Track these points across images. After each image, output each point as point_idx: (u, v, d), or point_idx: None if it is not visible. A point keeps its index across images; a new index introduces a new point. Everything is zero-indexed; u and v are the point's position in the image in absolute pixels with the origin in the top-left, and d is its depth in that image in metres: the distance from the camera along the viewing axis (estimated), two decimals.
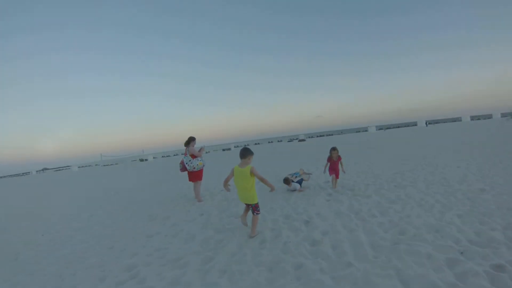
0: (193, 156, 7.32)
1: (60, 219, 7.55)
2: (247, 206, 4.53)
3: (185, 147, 7.46)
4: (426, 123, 39.79)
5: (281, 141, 55.85)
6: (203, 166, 7.48)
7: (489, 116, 38.15)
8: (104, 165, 42.78)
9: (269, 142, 57.86)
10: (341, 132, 60.64)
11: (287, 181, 7.15)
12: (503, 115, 34.49)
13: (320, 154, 18.75)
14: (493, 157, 8.59)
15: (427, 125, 38.58)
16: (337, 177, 6.87)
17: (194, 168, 7.24)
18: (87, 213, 7.84)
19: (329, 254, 3.44)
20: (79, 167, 41.91)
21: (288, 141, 49.96)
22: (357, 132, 52.88)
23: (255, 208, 4.40)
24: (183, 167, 7.34)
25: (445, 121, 46.68)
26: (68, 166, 45.74)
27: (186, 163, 7.24)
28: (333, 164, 6.83)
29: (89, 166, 46.41)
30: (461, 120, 39.19)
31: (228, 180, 4.45)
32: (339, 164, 6.90)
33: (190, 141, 7.38)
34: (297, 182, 7.33)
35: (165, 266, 3.75)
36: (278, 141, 55.92)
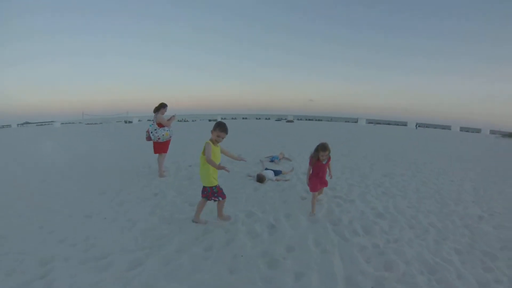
0: (160, 125, 6.33)
1: (3, 181, 6.53)
2: (204, 192, 3.74)
3: (154, 114, 6.42)
4: (416, 125, 39.41)
5: (268, 119, 54.62)
6: (170, 137, 6.48)
7: (478, 131, 38.06)
8: (87, 124, 40.84)
9: (256, 119, 56.61)
10: (331, 119, 59.89)
11: (260, 178, 5.99)
12: (492, 132, 34.43)
13: (307, 137, 18.03)
14: (486, 177, 7.87)
15: (416, 127, 38.18)
16: (325, 185, 4.73)
17: (158, 138, 6.28)
18: (40, 177, 6.88)
19: (287, 287, 2.54)
20: (62, 123, 39.72)
21: (276, 120, 48.86)
22: (346, 122, 52.15)
23: (211, 194, 3.66)
24: (148, 136, 6.40)
25: (434, 126, 46.55)
26: (51, 122, 43.26)
27: (151, 132, 6.30)
28: (319, 170, 4.43)
29: (72, 123, 44.06)
30: (450, 129, 38.98)
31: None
32: (327, 169, 4.68)
33: (160, 107, 6.36)
34: (274, 170, 6.42)
35: (83, 265, 2.90)
36: (265, 119, 54.72)
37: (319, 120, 57.42)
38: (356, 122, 48.98)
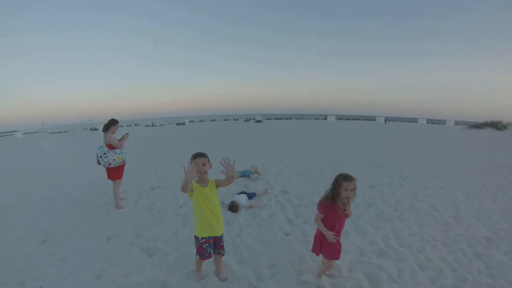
0: (111, 147, 5.22)
1: None
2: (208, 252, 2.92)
3: (103, 133, 5.33)
4: (385, 120, 40.21)
5: (237, 119, 53.67)
6: (123, 161, 5.37)
7: (443, 122, 39.41)
8: (51, 133, 37.47)
9: (225, 120, 55.46)
10: (301, 117, 59.98)
11: (233, 208, 4.97)
12: (456, 123, 35.72)
13: (278, 138, 17.38)
14: (472, 177, 7.48)
15: (385, 122, 38.93)
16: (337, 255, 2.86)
17: (109, 164, 5.16)
18: None
19: None
20: (24, 133, 36.07)
21: (244, 121, 48.03)
22: (316, 119, 52.42)
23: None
24: (98, 160, 5.25)
25: (402, 120, 47.91)
26: (12, 132, 38.98)
27: (100, 157, 5.15)
28: (336, 222, 2.85)
29: (35, 132, 40.17)
30: (417, 121, 40.14)
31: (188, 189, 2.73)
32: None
33: (110, 125, 5.27)
34: (247, 193, 5.52)
35: None
36: (234, 119, 53.73)
37: (288, 118, 57.23)
38: (325, 119, 49.36)
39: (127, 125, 47.36)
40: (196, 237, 2.83)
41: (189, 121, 47.74)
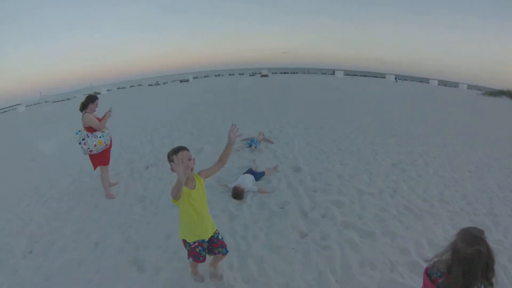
0: (91, 129, 4.35)
1: None
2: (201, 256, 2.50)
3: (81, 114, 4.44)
4: (395, 78, 38.22)
5: (242, 74, 51.30)
6: (106, 146, 4.54)
7: (455, 85, 37.54)
8: (53, 102, 35.44)
9: (230, 74, 53.07)
10: (307, 71, 57.50)
11: (237, 195, 4.23)
12: (469, 87, 33.96)
13: (285, 95, 16.35)
14: (500, 159, 6.76)
15: (396, 81, 37.05)
16: None
17: (90, 151, 4.36)
18: None
19: None
20: (26, 106, 33.91)
21: (250, 75, 45.95)
22: (323, 74, 50.28)
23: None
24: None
25: (412, 79, 45.83)
26: (14, 106, 36.48)
27: (79, 143, 4.33)
28: None
29: (37, 104, 37.85)
30: (428, 82, 38.26)
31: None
32: None
33: (88, 103, 4.36)
34: (255, 173, 4.82)
35: None
36: (239, 74, 51.40)
37: (294, 73, 54.94)
38: (333, 74, 47.27)
39: (130, 86, 45.32)
40: (185, 241, 2.41)
41: (193, 78, 45.52)
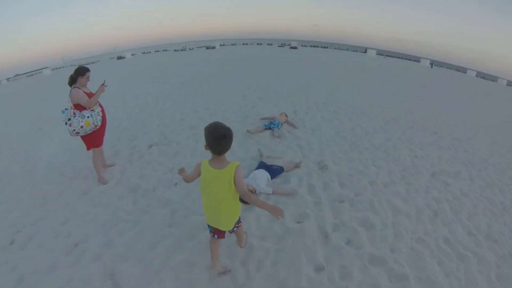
0: (79, 107, 3.63)
1: None
2: (220, 233, 2.31)
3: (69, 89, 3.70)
4: (431, 64, 35.57)
5: (271, 44, 49.12)
6: (96, 127, 3.82)
7: (494, 79, 34.50)
8: (76, 66, 34.55)
9: (258, 44, 50.88)
10: (338, 47, 54.62)
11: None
12: (509, 83, 31.11)
13: (315, 71, 15.19)
14: None
15: (432, 66, 34.48)
16: None
17: (76, 132, 3.66)
18: None
19: None
20: (52, 69, 33.06)
21: (278, 46, 43.97)
22: (354, 51, 47.63)
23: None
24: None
25: (449, 67, 42.64)
26: (41, 70, 35.59)
27: (65, 123, 3.62)
28: None
29: (62, 67, 37.02)
30: (466, 72, 35.47)
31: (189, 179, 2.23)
32: None
33: (77, 76, 3.63)
34: (271, 169, 4.00)
35: None
36: (268, 44, 49.23)
37: (325, 47, 52.19)
38: (365, 52, 44.70)
39: (155, 51, 43.98)
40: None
41: (220, 45, 43.76)
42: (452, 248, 3.24)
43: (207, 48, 40.72)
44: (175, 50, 40.25)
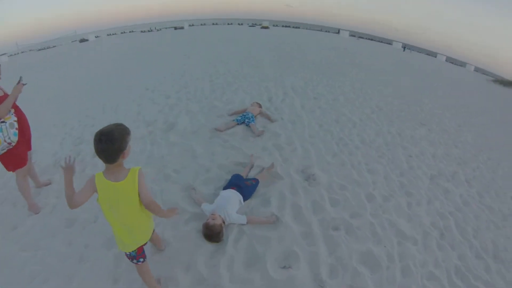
0: None
1: None
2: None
3: None
4: (404, 47, 35.48)
5: (241, 24, 47.10)
6: (10, 145, 2.73)
7: (462, 64, 35.37)
8: (39, 50, 30.35)
9: (228, 24, 48.61)
10: (310, 28, 53.46)
11: (211, 236, 2.48)
12: (476, 69, 31.81)
13: (289, 52, 14.18)
14: None
15: (404, 49, 34.38)
16: None
17: None
18: None
19: None
20: (9, 56, 28.59)
21: (249, 26, 42.18)
22: (326, 32, 46.82)
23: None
24: None
25: (420, 50, 43.04)
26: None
27: None
28: None
29: (18, 54, 32.25)
30: (436, 56, 35.91)
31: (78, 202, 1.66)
32: None
33: None
34: (243, 187, 3.06)
35: None
36: (238, 24, 47.16)
37: (297, 27, 50.96)
38: (337, 33, 44.03)
39: (121, 32, 40.41)
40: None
41: (189, 25, 41.10)
42: (463, 280, 2.72)
43: (175, 28, 38.12)
44: (142, 32, 37.56)
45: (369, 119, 6.12)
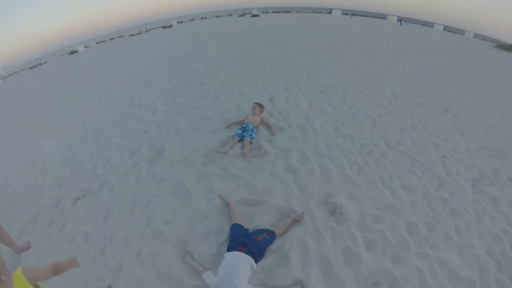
0: None
1: None
2: None
3: None
4: (400, 21, 34.14)
5: (231, 15, 45.87)
6: None
7: (460, 32, 34.14)
8: (30, 68, 29.17)
9: (216, 16, 47.30)
10: (300, 10, 51.98)
11: None
12: (475, 35, 30.74)
13: (284, 40, 13.35)
14: None
15: (401, 23, 33.08)
16: None
17: None
18: None
19: None
20: (2, 78, 27.26)
21: (239, 16, 41.09)
22: (318, 13, 45.46)
23: None
24: None
25: (415, 22, 41.58)
26: None
27: None
28: None
29: (6, 77, 30.84)
30: (433, 27, 34.58)
31: None
32: None
33: None
34: (254, 245, 2.35)
35: None
36: (228, 15, 45.93)
37: (287, 11, 49.56)
38: (329, 13, 42.65)
39: (110, 39, 39.18)
40: None
41: (177, 22, 39.77)
42: None
43: (164, 27, 36.96)
44: (130, 35, 36.50)
45: (388, 113, 5.38)
